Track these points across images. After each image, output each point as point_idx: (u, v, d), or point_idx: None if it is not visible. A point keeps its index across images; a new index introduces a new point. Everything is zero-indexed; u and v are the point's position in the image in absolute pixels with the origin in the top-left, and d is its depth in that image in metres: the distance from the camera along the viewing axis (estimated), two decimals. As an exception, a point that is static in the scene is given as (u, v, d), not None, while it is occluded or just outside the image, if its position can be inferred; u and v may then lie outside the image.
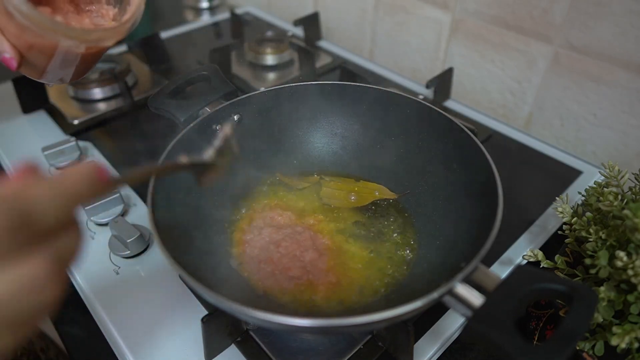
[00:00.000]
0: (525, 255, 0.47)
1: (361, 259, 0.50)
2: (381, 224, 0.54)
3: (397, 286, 0.47)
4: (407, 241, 0.52)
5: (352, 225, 0.54)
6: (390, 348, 0.46)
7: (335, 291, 0.46)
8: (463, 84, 0.86)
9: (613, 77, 0.66)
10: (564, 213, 0.47)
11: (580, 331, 0.29)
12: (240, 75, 0.90)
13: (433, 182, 0.53)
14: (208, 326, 0.44)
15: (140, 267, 0.55)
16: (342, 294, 0.46)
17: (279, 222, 0.53)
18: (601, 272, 0.42)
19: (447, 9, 0.82)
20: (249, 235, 0.52)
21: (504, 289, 0.33)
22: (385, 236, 0.52)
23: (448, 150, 0.52)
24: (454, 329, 0.49)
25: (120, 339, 0.48)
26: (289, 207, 0.55)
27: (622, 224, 0.42)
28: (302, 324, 0.33)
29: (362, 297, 0.46)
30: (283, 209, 0.54)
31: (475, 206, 0.45)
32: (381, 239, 0.52)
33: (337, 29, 1.06)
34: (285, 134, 0.59)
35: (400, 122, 0.56)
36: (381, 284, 0.48)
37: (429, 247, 0.50)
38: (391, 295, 0.46)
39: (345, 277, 0.48)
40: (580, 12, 0.66)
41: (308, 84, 0.57)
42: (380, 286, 0.47)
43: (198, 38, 1.07)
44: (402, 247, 0.51)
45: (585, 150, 0.74)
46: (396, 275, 0.48)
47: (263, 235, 0.51)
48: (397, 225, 0.54)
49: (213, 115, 0.52)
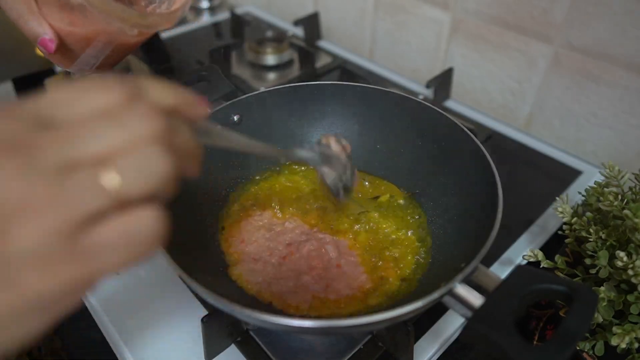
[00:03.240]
0: (525, 255, 0.47)
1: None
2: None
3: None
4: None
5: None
6: (390, 348, 0.46)
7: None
8: (463, 84, 0.86)
9: (613, 77, 0.66)
10: (564, 213, 0.47)
11: (580, 332, 0.29)
12: (240, 75, 0.90)
13: (432, 183, 0.53)
14: (208, 326, 0.44)
15: (140, 268, 0.55)
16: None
17: (280, 221, 0.53)
18: (601, 272, 0.42)
19: (447, 9, 0.82)
20: (249, 235, 0.51)
21: (503, 289, 0.33)
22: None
23: (448, 150, 0.52)
24: (454, 329, 0.49)
25: (120, 339, 0.48)
26: (291, 206, 0.55)
27: (622, 224, 0.42)
28: (302, 325, 0.33)
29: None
30: (284, 208, 0.54)
31: (475, 206, 0.45)
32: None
33: (337, 29, 1.06)
34: (286, 134, 0.59)
35: (400, 123, 0.56)
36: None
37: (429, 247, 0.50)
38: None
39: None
40: (580, 12, 0.66)
41: (308, 84, 0.57)
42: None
43: (198, 38, 1.07)
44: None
45: (585, 150, 0.74)
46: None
47: (261, 235, 0.51)
48: (396, 225, 0.54)
49: (213, 115, 0.52)
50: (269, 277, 0.47)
